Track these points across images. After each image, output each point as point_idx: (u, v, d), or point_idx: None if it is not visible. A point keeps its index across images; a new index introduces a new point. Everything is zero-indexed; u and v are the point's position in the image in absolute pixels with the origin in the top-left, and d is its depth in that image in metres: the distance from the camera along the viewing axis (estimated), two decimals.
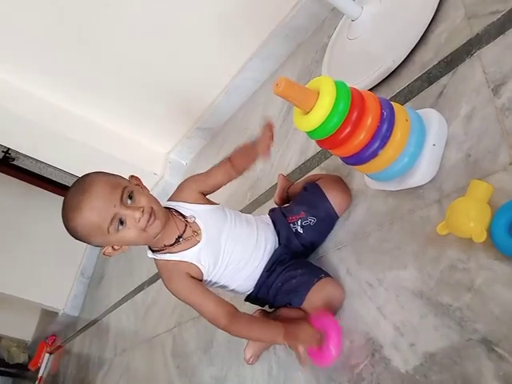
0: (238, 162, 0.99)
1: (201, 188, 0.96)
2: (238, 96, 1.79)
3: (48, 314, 3.26)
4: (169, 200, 0.95)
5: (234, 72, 1.72)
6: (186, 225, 0.90)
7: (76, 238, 0.83)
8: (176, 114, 1.96)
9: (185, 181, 0.98)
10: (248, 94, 1.78)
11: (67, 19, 1.53)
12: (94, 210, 0.78)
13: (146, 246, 0.92)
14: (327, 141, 0.78)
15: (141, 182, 0.90)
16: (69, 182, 3.01)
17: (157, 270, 0.90)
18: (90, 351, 2.52)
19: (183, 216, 0.91)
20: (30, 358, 3.59)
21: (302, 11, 1.47)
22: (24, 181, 2.95)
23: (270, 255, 0.97)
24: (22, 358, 3.68)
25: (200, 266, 0.89)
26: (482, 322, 0.65)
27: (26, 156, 2.58)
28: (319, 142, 0.81)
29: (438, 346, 0.70)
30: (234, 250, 0.92)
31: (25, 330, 3.79)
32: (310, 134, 0.78)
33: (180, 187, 0.97)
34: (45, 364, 3.29)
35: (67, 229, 0.81)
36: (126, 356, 1.96)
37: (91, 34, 1.59)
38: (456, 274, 0.71)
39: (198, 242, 0.89)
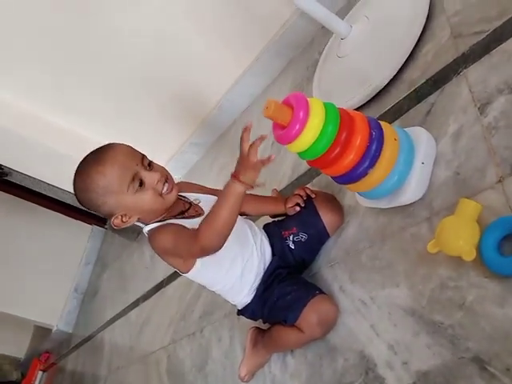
0: (252, 206, 1.05)
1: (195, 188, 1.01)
2: (230, 111, 1.80)
3: (41, 331, 3.21)
4: None
5: (227, 88, 1.73)
6: (191, 204, 0.94)
7: (88, 201, 0.83)
8: (169, 129, 1.97)
9: (178, 182, 0.98)
10: (241, 110, 1.79)
11: (54, 30, 1.53)
12: (118, 164, 0.81)
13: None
14: (317, 161, 0.79)
15: None
16: (62, 198, 3.00)
17: (151, 286, 0.89)
18: (83, 368, 2.49)
19: (188, 199, 0.95)
20: (23, 375, 3.53)
21: (293, 28, 1.49)
22: (17, 196, 2.93)
23: (263, 260, 0.97)
24: (14, 375, 3.62)
25: None
26: (473, 340, 0.66)
27: (18, 172, 2.57)
28: (310, 162, 0.82)
29: (431, 364, 0.70)
30: (232, 243, 0.89)
31: (17, 346, 3.73)
32: (301, 154, 0.79)
33: (178, 184, 0.97)
34: (38, 382, 3.23)
35: (82, 187, 0.82)
36: (121, 374, 1.94)
37: (82, 48, 1.59)
38: (447, 292, 0.72)
39: (201, 215, 0.91)
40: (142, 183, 0.83)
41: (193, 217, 0.91)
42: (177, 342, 1.53)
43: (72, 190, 0.87)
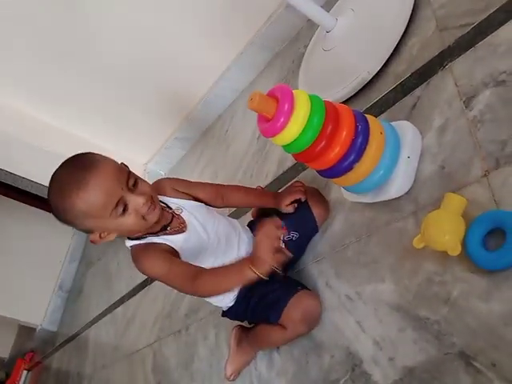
0: (237, 197, 1.00)
1: (178, 188, 0.94)
2: (216, 105, 1.78)
3: (25, 330, 3.16)
4: None
5: (212, 82, 1.71)
6: (173, 216, 0.88)
7: (64, 220, 0.77)
8: (154, 124, 1.94)
9: (161, 179, 0.96)
10: (226, 104, 1.77)
11: (43, 29, 1.49)
12: (103, 190, 0.73)
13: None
14: (303, 154, 0.78)
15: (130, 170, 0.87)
16: (45, 194, 2.94)
17: (136, 284, 0.86)
18: (69, 367, 2.45)
19: (169, 208, 0.89)
20: (7, 375, 3.47)
21: (278, 21, 1.47)
22: None
23: None
24: None
25: (180, 254, 0.86)
26: (459, 335, 0.65)
27: (0, 169, 2.51)
28: (295, 156, 0.81)
29: (417, 360, 0.69)
30: (217, 246, 0.91)
31: (1, 346, 3.67)
32: (286, 147, 0.78)
33: (158, 183, 0.94)
34: (23, 381, 3.18)
35: (59, 207, 0.75)
36: (106, 372, 1.91)
37: (69, 46, 1.56)
38: (433, 287, 0.71)
39: (184, 231, 0.87)
40: (125, 208, 0.76)
41: (176, 232, 0.86)
42: (162, 340, 1.51)
43: None
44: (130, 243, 0.86)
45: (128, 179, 0.77)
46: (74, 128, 1.92)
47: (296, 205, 0.97)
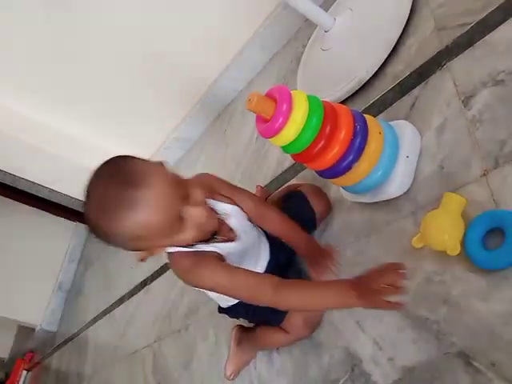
0: (272, 225, 0.90)
1: (221, 191, 0.85)
2: (214, 105, 1.78)
3: (25, 330, 3.16)
4: None
5: (211, 81, 1.71)
6: (222, 223, 0.81)
7: (108, 243, 0.67)
8: (152, 124, 1.93)
9: (205, 176, 0.87)
10: (225, 104, 1.76)
11: (41, 28, 1.49)
12: (159, 208, 0.62)
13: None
14: (301, 155, 0.78)
15: None
16: (45, 195, 2.94)
17: (136, 284, 0.83)
18: (68, 367, 2.45)
19: (216, 213, 0.81)
20: (6, 375, 3.47)
21: (277, 21, 1.47)
22: None
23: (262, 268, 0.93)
24: None
25: (227, 259, 0.79)
26: (458, 335, 0.65)
27: None
28: (294, 156, 0.81)
29: (417, 360, 0.70)
30: (252, 255, 0.87)
31: (1, 346, 3.66)
32: (284, 148, 0.78)
33: (205, 183, 0.82)
34: (22, 382, 3.18)
35: (103, 229, 0.64)
36: (106, 372, 1.91)
37: (69, 46, 1.55)
38: (432, 287, 0.71)
39: (234, 240, 0.81)
40: (183, 221, 0.67)
41: (225, 240, 0.80)
42: (162, 340, 1.51)
43: (55, 188, 0.78)
44: (171, 249, 0.75)
45: (185, 189, 0.67)
46: (73, 128, 1.91)
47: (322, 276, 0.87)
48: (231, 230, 0.82)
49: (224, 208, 0.82)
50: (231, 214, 0.83)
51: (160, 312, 1.60)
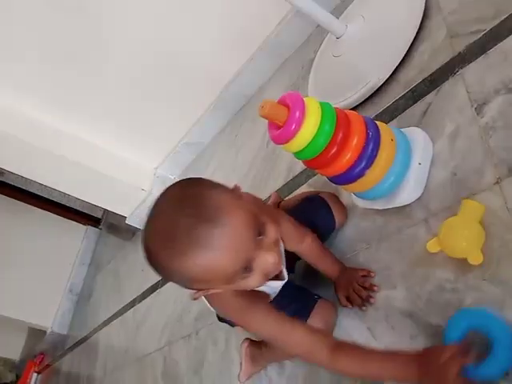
0: (310, 256, 0.85)
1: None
2: (225, 111, 1.79)
3: (36, 332, 3.19)
4: None
5: (222, 87, 1.72)
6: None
7: (166, 277, 0.62)
8: (163, 129, 1.95)
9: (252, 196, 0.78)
10: (236, 109, 1.78)
11: (53, 33, 1.52)
12: (231, 253, 0.56)
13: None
14: (313, 161, 0.78)
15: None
16: (56, 198, 2.97)
17: (147, 287, 0.81)
18: (79, 370, 2.47)
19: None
20: (17, 377, 3.51)
21: (288, 27, 1.48)
22: (10, 197, 2.91)
23: None
24: (9, 377, 3.60)
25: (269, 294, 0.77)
26: None
27: (12, 172, 2.55)
28: (306, 162, 0.81)
29: None
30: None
31: (12, 348, 3.71)
32: (297, 154, 0.78)
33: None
34: (33, 383, 3.22)
35: (162, 264, 0.58)
36: (116, 375, 1.92)
37: (79, 50, 1.58)
38: (445, 295, 0.71)
39: (284, 279, 0.76)
40: (251, 269, 0.60)
41: (276, 278, 0.72)
42: (172, 344, 1.52)
43: (67, 192, 0.79)
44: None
45: (258, 228, 0.60)
46: (85, 133, 1.94)
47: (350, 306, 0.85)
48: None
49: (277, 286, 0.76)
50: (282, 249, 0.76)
51: (171, 316, 1.61)
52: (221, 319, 0.99)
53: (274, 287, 0.76)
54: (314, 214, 0.92)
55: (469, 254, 0.66)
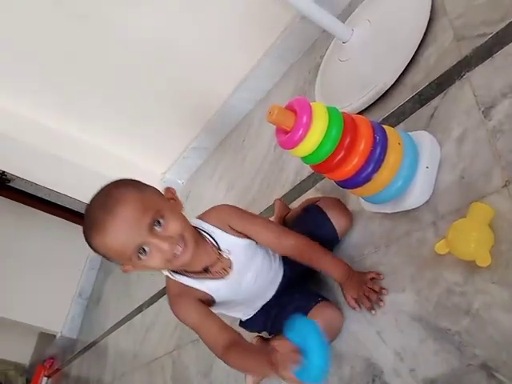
0: (293, 253, 0.89)
1: (236, 227, 0.86)
2: (233, 116, 1.80)
3: (46, 337, 3.21)
4: (202, 218, 0.86)
5: (229, 92, 1.73)
6: (218, 258, 0.83)
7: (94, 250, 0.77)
8: (172, 134, 1.97)
9: (222, 206, 0.90)
10: (243, 114, 1.78)
11: (60, 39, 1.54)
12: (119, 237, 0.70)
13: None
14: (321, 166, 0.79)
15: (176, 195, 0.82)
16: (65, 203, 3.00)
17: (155, 292, 0.86)
18: (88, 374, 2.48)
19: (217, 247, 0.84)
20: (27, 381, 3.53)
21: (294, 32, 1.49)
22: (20, 202, 2.94)
23: (276, 287, 0.95)
24: (19, 381, 3.62)
25: (215, 298, 0.85)
26: (481, 346, 0.65)
27: (21, 178, 2.58)
28: (313, 167, 0.81)
29: (439, 372, 0.69)
30: (253, 287, 0.89)
31: (22, 352, 3.73)
32: (304, 159, 0.79)
33: (215, 211, 0.88)
34: None
35: (87, 243, 0.75)
36: (126, 380, 1.93)
37: (88, 56, 1.60)
38: (453, 298, 0.71)
39: (223, 278, 0.84)
40: (146, 251, 0.72)
41: (217, 277, 0.83)
42: (182, 348, 1.53)
43: (76, 197, 0.84)
44: (166, 272, 0.83)
45: (153, 220, 0.72)
46: (95, 138, 1.96)
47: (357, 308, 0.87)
48: (227, 268, 0.84)
49: (226, 239, 0.84)
50: (234, 250, 0.84)
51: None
52: (241, 324, 1.00)
53: (212, 287, 0.83)
54: (311, 225, 0.94)
55: (477, 256, 0.66)
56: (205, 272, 0.82)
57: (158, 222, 0.72)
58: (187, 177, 2.12)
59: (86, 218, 0.74)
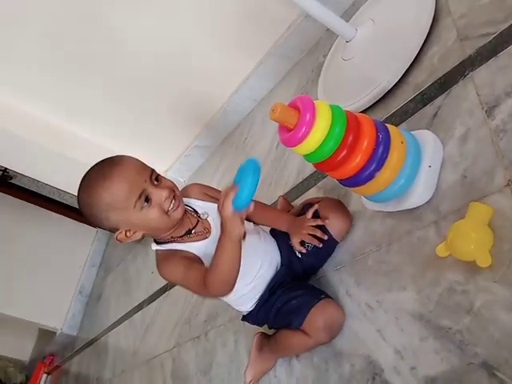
0: (262, 214, 1.00)
1: (208, 192, 0.97)
2: (235, 114, 1.80)
3: (46, 334, 3.22)
4: None
5: (232, 91, 1.73)
6: (198, 220, 0.90)
7: (91, 216, 0.81)
8: (174, 132, 1.97)
9: (190, 184, 1.00)
10: (245, 113, 1.79)
11: (64, 38, 1.54)
12: (126, 181, 0.78)
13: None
14: (324, 164, 0.79)
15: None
16: (67, 200, 3.00)
17: (156, 289, 0.87)
18: (88, 372, 2.49)
19: (196, 212, 0.91)
20: (27, 378, 3.53)
21: (298, 31, 1.49)
22: (22, 199, 2.94)
23: (273, 271, 0.96)
24: (19, 378, 3.62)
25: (203, 259, 0.87)
26: (482, 345, 0.65)
27: (23, 175, 2.58)
28: (316, 165, 0.82)
29: (439, 370, 0.69)
30: (243, 254, 0.86)
31: (22, 349, 3.73)
32: (307, 157, 0.79)
33: (187, 187, 0.98)
34: None
35: (86, 202, 0.80)
36: (125, 377, 1.93)
37: (93, 57, 1.60)
38: (455, 297, 0.71)
39: (207, 237, 0.89)
40: (148, 199, 0.79)
41: (200, 237, 0.88)
42: (181, 346, 1.53)
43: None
44: (155, 247, 0.89)
45: (151, 174, 0.81)
46: (97, 136, 1.96)
47: (304, 250, 0.96)
48: (208, 228, 0.90)
49: (203, 206, 0.93)
50: (212, 212, 0.90)
51: (180, 318, 1.62)
52: (243, 318, 1.01)
53: (199, 247, 0.87)
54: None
55: (477, 257, 0.66)
56: (188, 235, 0.88)
57: (156, 179, 0.82)
58: (189, 175, 2.12)
59: (87, 178, 0.81)
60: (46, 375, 3.28)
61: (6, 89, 1.72)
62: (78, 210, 0.87)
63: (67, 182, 2.25)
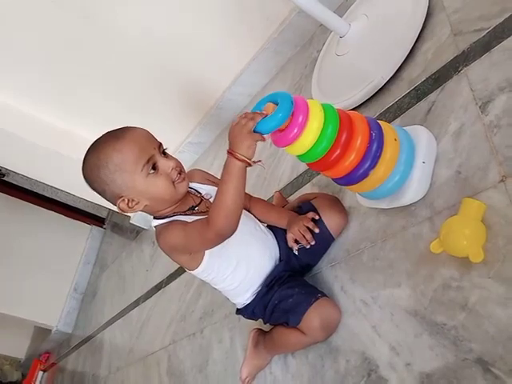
0: (258, 209, 1.02)
1: (209, 178, 0.99)
2: (228, 110, 1.79)
3: (41, 331, 3.22)
4: None
5: (225, 86, 1.72)
6: (202, 200, 0.92)
7: (94, 178, 0.81)
8: (167, 128, 1.96)
9: (193, 169, 1.02)
10: (239, 109, 1.78)
11: (61, 36, 1.52)
12: (137, 145, 0.80)
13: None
14: (317, 163, 0.79)
15: None
16: (61, 198, 2.99)
17: (151, 286, 0.85)
18: (84, 369, 2.49)
19: (199, 193, 0.93)
20: (23, 375, 3.54)
21: (291, 26, 1.48)
22: (15, 197, 2.92)
23: (273, 264, 0.96)
24: (15, 376, 3.62)
25: None
26: (477, 341, 0.65)
27: (16, 173, 2.56)
28: (310, 165, 0.81)
29: (434, 366, 0.69)
30: (240, 238, 0.86)
31: (18, 347, 3.73)
32: (300, 157, 0.79)
33: (189, 172, 0.97)
34: (39, 382, 3.24)
35: (93, 164, 0.80)
36: (121, 374, 1.93)
37: (84, 54, 1.59)
38: (449, 293, 0.71)
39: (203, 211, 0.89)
40: (155, 167, 0.81)
41: (203, 213, 0.87)
42: (177, 343, 1.53)
43: (72, 192, 0.85)
44: (155, 223, 0.88)
45: (160, 146, 0.84)
46: (90, 133, 1.93)
47: (296, 247, 0.95)
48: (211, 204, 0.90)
49: (206, 189, 0.95)
50: (213, 194, 0.91)
51: (175, 314, 1.62)
52: (238, 312, 1.01)
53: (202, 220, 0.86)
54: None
55: (470, 253, 0.66)
56: (192, 211, 0.89)
57: (163, 153, 0.84)
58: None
59: (98, 141, 0.83)
60: (42, 372, 3.29)
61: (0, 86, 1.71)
62: (73, 208, 0.87)
63: (61, 179, 2.24)
